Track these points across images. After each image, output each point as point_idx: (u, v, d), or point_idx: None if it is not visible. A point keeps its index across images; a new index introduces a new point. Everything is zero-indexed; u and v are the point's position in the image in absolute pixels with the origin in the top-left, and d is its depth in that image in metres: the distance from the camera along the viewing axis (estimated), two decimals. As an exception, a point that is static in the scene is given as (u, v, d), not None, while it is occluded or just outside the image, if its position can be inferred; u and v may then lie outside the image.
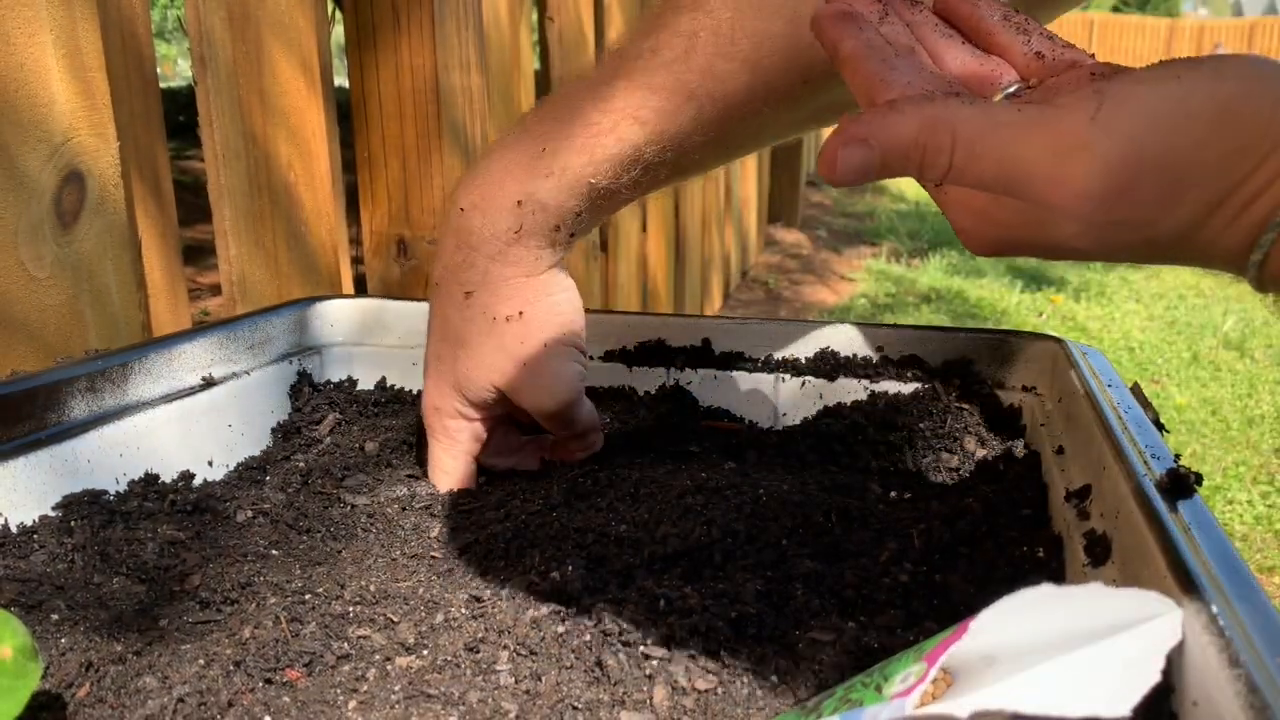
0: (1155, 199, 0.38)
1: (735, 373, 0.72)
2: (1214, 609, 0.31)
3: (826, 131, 0.45)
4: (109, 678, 0.40)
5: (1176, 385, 3.21)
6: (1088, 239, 0.41)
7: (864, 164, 0.40)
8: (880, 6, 0.47)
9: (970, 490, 0.57)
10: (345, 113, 1.21)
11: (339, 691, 0.40)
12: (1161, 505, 0.39)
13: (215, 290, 2.44)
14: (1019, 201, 0.41)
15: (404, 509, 0.58)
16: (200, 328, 0.67)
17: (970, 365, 0.68)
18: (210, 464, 0.63)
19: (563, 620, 0.45)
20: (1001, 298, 4.02)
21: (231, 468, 0.65)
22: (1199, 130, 0.37)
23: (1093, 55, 0.44)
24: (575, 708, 0.39)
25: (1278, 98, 0.37)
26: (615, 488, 0.58)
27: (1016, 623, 0.30)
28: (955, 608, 0.45)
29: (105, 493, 0.55)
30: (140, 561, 0.49)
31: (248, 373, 0.68)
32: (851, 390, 0.70)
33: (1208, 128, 0.37)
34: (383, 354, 0.77)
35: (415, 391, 0.76)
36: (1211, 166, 0.38)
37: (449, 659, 0.42)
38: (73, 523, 0.52)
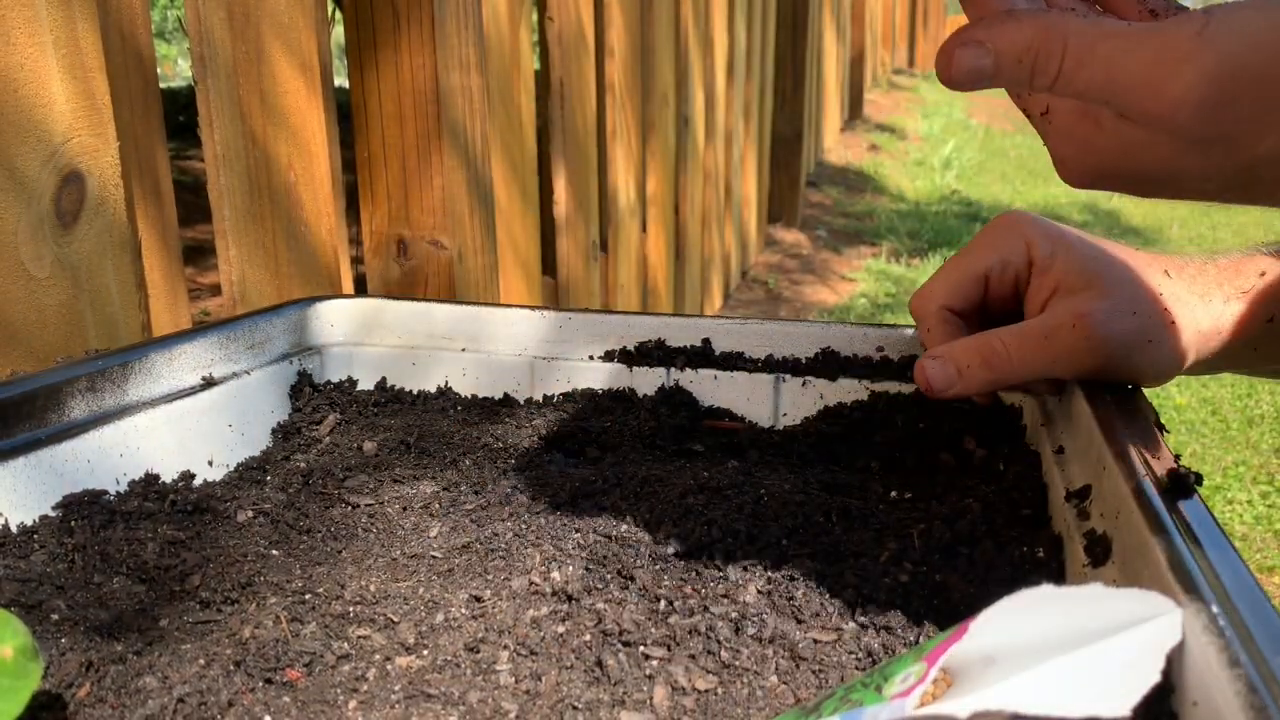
0: (1253, 116, 0.39)
1: (735, 373, 0.72)
2: (1214, 609, 0.31)
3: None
4: (109, 678, 0.40)
5: (1176, 385, 3.21)
6: (1184, 161, 0.41)
7: (979, 65, 0.42)
8: None
9: (970, 490, 0.57)
10: (345, 113, 1.21)
11: (339, 691, 0.40)
12: (1161, 505, 0.39)
13: (215, 290, 2.44)
14: (1120, 124, 0.42)
15: (404, 509, 0.58)
16: (200, 328, 0.67)
17: (970, 365, 0.68)
18: (210, 464, 0.63)
19: (563, 620, 0.45)
20: (1001, 298, 4.01)
21: (231, 468, 0.65)
22: None
23: None
24: (575, 708, 0.39)
25: None
26: (616, 487, 0.58)
27: (1016, 623, 0.30)
28: (955, 608, 0.45)
29: (105, 493, 0.55)
30: (140, 561, 0.49)
31: (248, 373, 0.68)
32: (851, 390, 0.70)
33: None
34: (383, 354, 0.77)
35: (415, 391, 0.76)
36: None
37: (449, 659, 0.42)
38: (73, 523, 0.52)
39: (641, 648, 0.42)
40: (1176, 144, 0.41)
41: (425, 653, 0.43)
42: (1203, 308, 0.58)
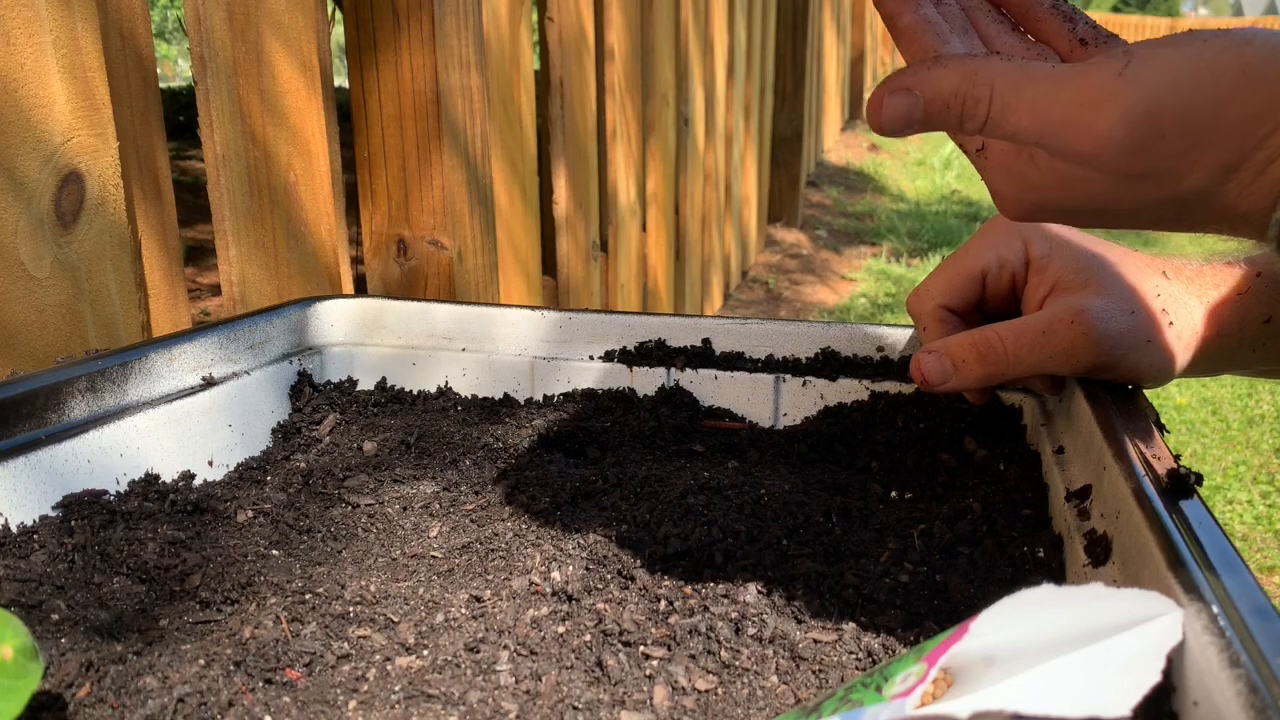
0: (1178, 152, 0.40)
1: (735, 373, 0.72)
2: (1214, 609, 0.31)
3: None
4: (109, 678, 0.40)
5: (1176, 385, 3.21)
6: (1117, 195, 0.42)
7: (908, 112, 0.43)
8: None
9: (970, 490, 0.57)
10: (345, 113, 1.21)
11: (339, 691, 0.40)
12: (1161, 505, 0.39)
13: (215, 290, 2.44)
14: (1054, 161, 0.43)
15: (404, 509, 0.58)
16: (200, 328, 0.67)
17: (970, 365, 0.68)
18: (210, 464, 0.63)
19: (563, 620, 0.45)
20: (1001, 298, 4.01)
21: (231, 468, 0.65)
22: (1221, 89, 0.39)
23: None
24: (575, 708, 0.39)
25: None
26: (616, 487, 0.58)
27: (1017, 623, 0.30)
28: (955, 608, 0.45)
29: (105, 493, 0.55)
30: (140, 561, 0.49)
31: (248, 373, 0.68)
32: (852, 390, 0.70)
33: (1230, 87, 0.39)
34: (383, 354, 0.77)
35: (415, 391, 0.76)
36: (1233, 125, 0.39)
37: (449, 659, 0.42)
38: (73, 523, 0.52)
39: (641, 648, 0.42)
40: (1107, 180, 0.41)
41: (425, 653, 0.43)
42: (1200, 309, 0.58)
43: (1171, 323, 0.57)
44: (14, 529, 0.51)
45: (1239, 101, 0.39)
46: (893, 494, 0.59)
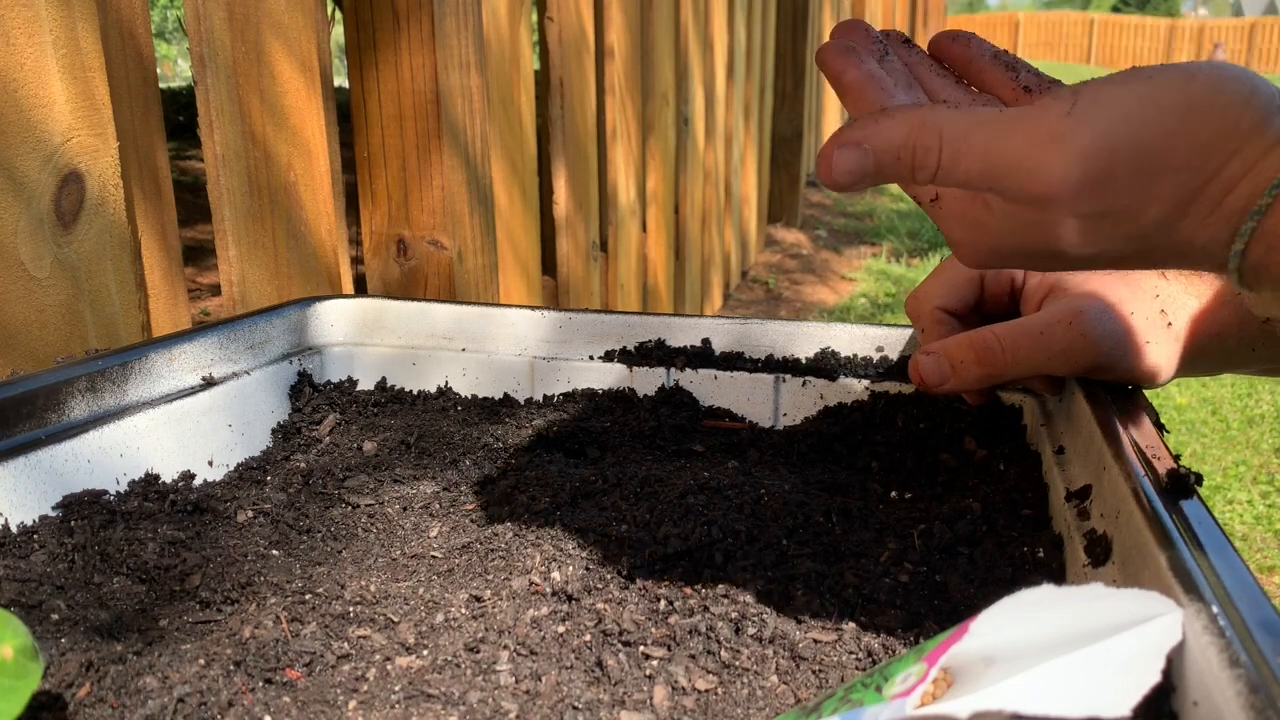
0: (1132, 188, 0.40)
1: (735, 373, 0.72)
2: (1214, 609, 0.31)
3: (831, 121, 0.47)
4: (109, 678, 0.40)
5: (1176, 385, 3.21)
6: (1075, 236, 0.42)
7: (859, 165, 0.43)
8: (881, 47, 0.49)
9: (970, 490, 0.57)
10: (345, 113, 1.21)
11: (339, 691, 0.40)
12: (1161, 505, 0.39)
13: (215, 290, 2.44)
14: (1009, 206, 0.43)
15: (404, 509, 0.58)
16: (200, 328, 0.67)
17: (970, 365, 0.68)
18: (210, 464, 0.63)
19: (563, 620, 0.45)
20: (1001, 298, 4.01)
21: (231, 468, 0.65)
22: (1169, 123, 0.39)
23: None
24: (575, 708, 0.39)
25: (1246, 96, 0.39)
26: (616, 487, 0.58)
27: (1017, 623, 0.30)
28: (955, 608, 0.45)
29: (105, 493, 0.55)
30: (140, 561, 0.49)
31: (248, 373, 0.68)
32: (852, 390, 0.70)
33: (1178, 121, 0.39)
34: (383, 354, 0.77)
35: (415, 391, 0.76)
36: (1183, 157, 0.39)
37: (449, 659, 0.42)
38: (73, 523, 0.52)
39: (641, 648, 0.42)
40: (1064, 222, 0.41)
41: (425, 653, 0.43)
42: (1199, 309, 0.58)
43: (1170, 323, 0.57)
44: (14, 529, 0.51)
45: (1188, 134, 0.39)
46: (893, 494, 0.59)
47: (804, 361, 0.72)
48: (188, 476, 0.61)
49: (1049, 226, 0.42)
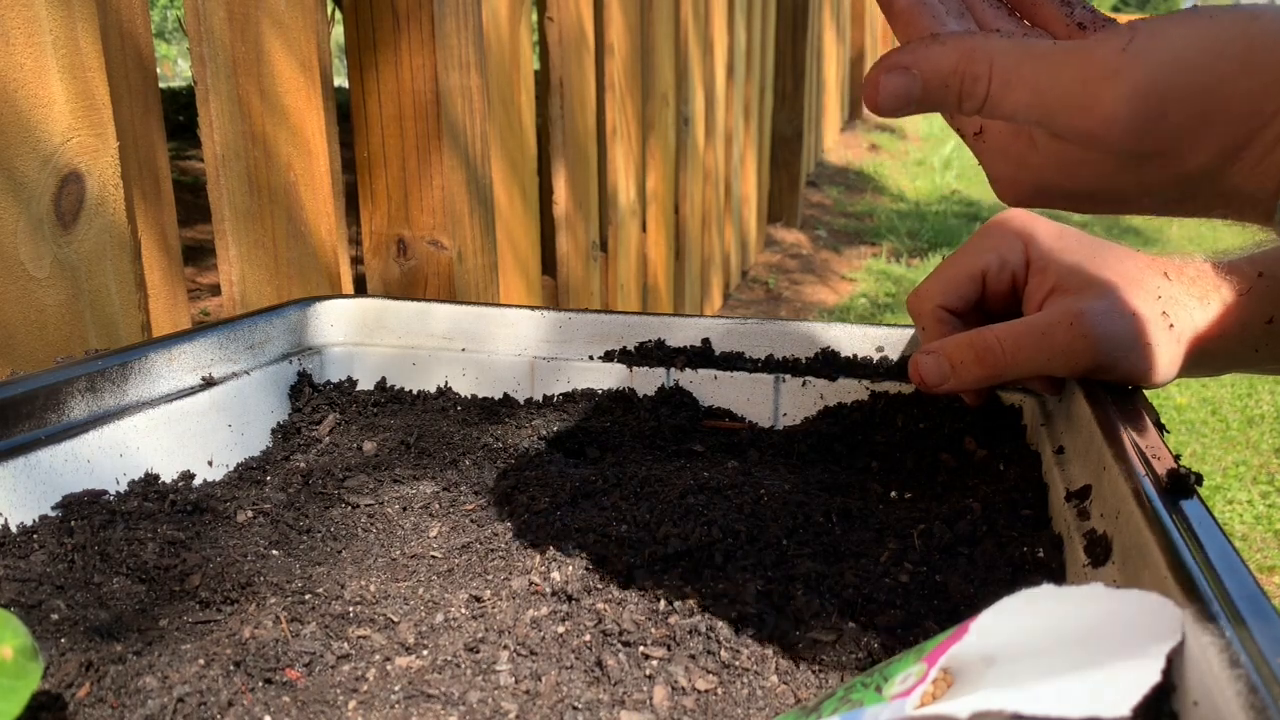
0: (1183, 130, 0.39)
1: (735, 373, 0.72)
2: (1214, 609, 0.31)
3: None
4: (109, 678, 0.40)
5: (1176, 385, 3.21)
6: (1120, 177, 0.41)
7: (906, 90, 0.42)
8: None
9: (970, 490, 0.57)
10: (345, 113, 1.21)
11: (339, 691, 0.40)
12: (1161, 505, 0.39)
13: (215, 290, 2.44)
14: (1054, 142, 0.42)
15: (404, 509, 0.58)
16: (200, 328, 0.67)
17: (970, 365, 0.68)
18: (210, 464, 0.63)
19: (563, 620, 0.45)
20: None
21: (231, 468, 0.65)
22: (1227, 66, 0.38)
23: None
24: (575, 708, 0.39)
25: None
26: (616, 487, 0.58)
27: (1017, 623, 0.30)
28: (955, 608, 0.45)
29: (105, 493, 0.55)
30: (140, 561, 0.49)
31: (248, 373, 0.68)
32: (852, 390, 0.70)
33: (1236, 64, 0.38)
34: (383, 354, 0.77)
35: (415, 392, 0.76)
36: (1239, 102, 0.38)
37: (449, 659, 0.42)
38: (73, 523, 0.52)
39: (641, 648, 0.42)
40: (1110, 160, 0.40)
41: (425, 653, 0.43)
42: (1201, 310, 0.58)
43: (1172, 324, 0.56)
44: (14, 529, 0.51)
45: (1244, 78, 0.38)
46: (893, 494, 0.59)
47: (804, 361, 0.72)
48: (187, 476, 0.61)
49: (1093, 165, 0.41)
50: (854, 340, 0.72)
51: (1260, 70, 0.38)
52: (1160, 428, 0.51)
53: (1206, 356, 0.58)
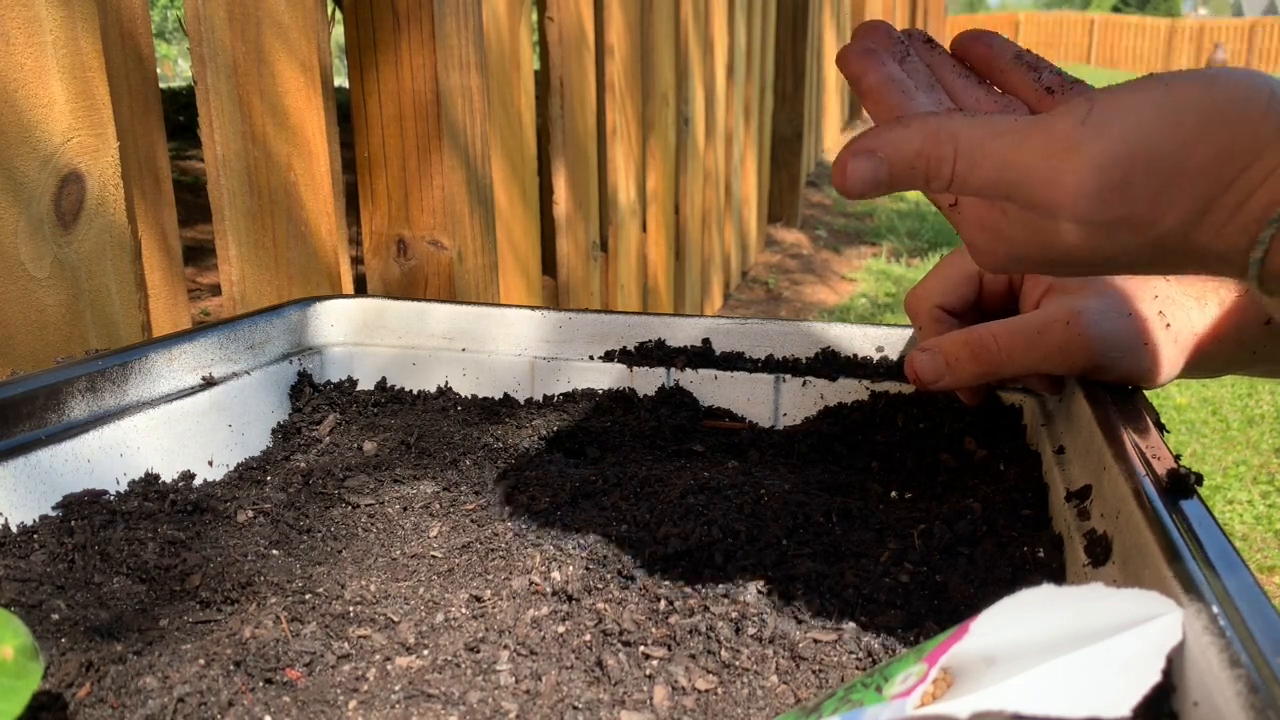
0: (1149, 196, 0.39)
1: (735, 373, 0.72)
2: (1214, 609, 0.31)
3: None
4: (109, 678, 0.40)
5: (1176, 385, 3.21)
6: (1092, 244, 0.41)
7: (873, 175, 0.43)
8: (902, 48, 0.49)
9: (970, 490, 0.57)
10: (345, 113, 1.21)
11: (339, 691, 0.40)
12: (1162, 505, 0.39)
13: (215, 290, 2.44)
14: (1025, 214, 0.43)
15: (404, 509, 0.58)
16: (200, 328, 0.67)
17: (970, 365, 0.68)
18: (210, 464, 0.63)
19: (563, 620, 0.45)
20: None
21: (231, 468, 0.65)
22: (1187, 130, 0.39)
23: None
24: (575, 708, 0.39)
25: (1266, 102, 0.39)
26: (616, 487, 0.58)
27: (1017, 623, 0.30)
28: (955, 608, 0.45)
29: (105, 493, 0.55)
30: (140, 561, 0.49)
31: (248, 373, 0.68)
32: (852, 390, 0.70)
33: (1196, 128, 0.39)
34: (383, 354, 0.77)
35: (415, 392, 0.76)
36: (1202, 165, 0.39)
37: (449, 659, 0.42)
38: (73, 523, 0.52)
39: (641, 648, 0.42)
40: (1080, 229, 0.41)
41: (425, 653, 0.43)
42: (1199, 311, 0.58)
43: (1169, 325, 0.57)
44: (14, 529, 0.51)
45: (1206, 141, 0.38)
46: (893, 494, 0.59)
47: (804, 361, 0.72)
48: (188, 476, 0.61)
49: (1065, 235, 0.42)
50: (854, 340, 0.72)
51: (1219, 133, 0.38)
52: (1160, 428, 0.51)
53: (1204, 358, 0.58)
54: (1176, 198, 0.39)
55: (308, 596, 0.48)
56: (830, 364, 0.71)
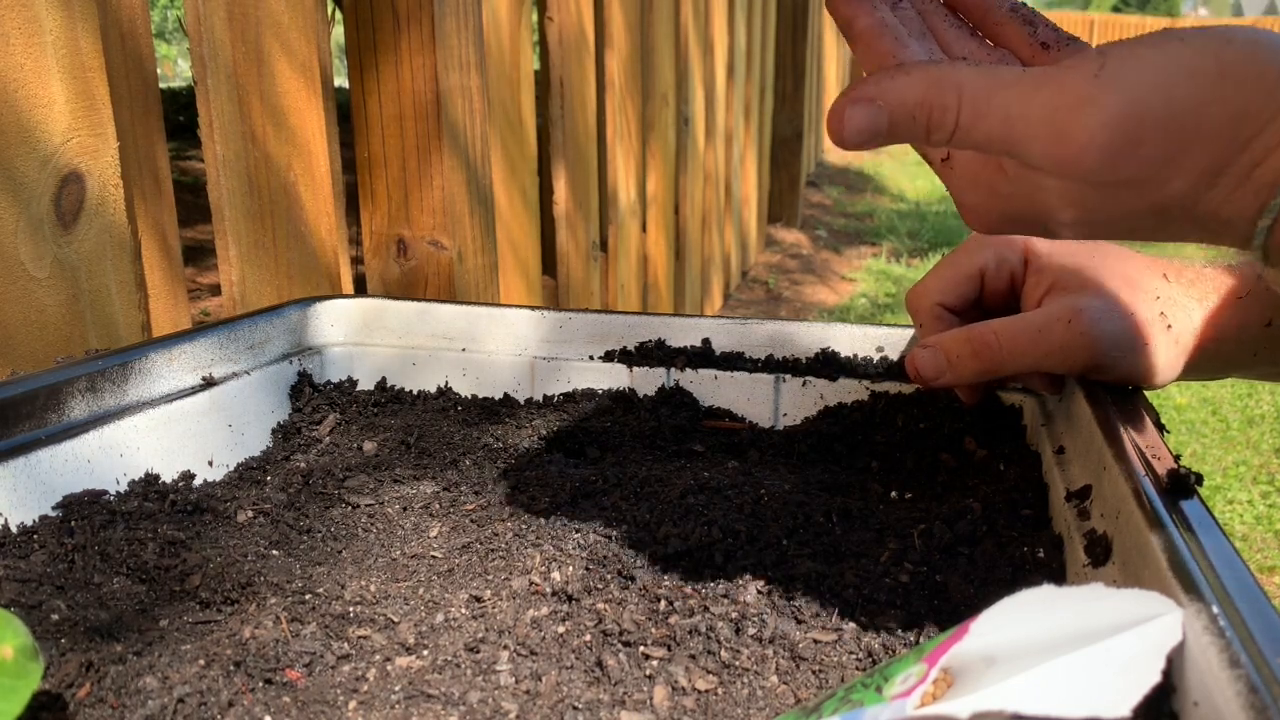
0: (1160, 156, 0.38)
1: (735, 373, 0.72)
2: (1214, 609, 0.31)
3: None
4: (109, 678, 0.40)
5: (1176, 385, 3.21)
6: (1092, 204, 0.40)
7: (872, 124, 0.40)
8: None
9: (970, 490, 0.57)
10: (345, 113, 1.21)
11: (339, 691, 0.40)
12: (1162, 505, 0.39)
13: (215, 290, 2.44)
14: (1024, 171, 0.41)
15: (404, 509, 0.58)
16: (200, 328, 0.67)
17: (970, 365, 0.68)
18: (210, 464, 0.63)
19: (563, 620, 0.45)
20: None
21: (231, 468, 0.65)
22: (1203, 89, 0.37)
23: None
24: (575, 708, 0.39)
25: None
26: (616, 487, 0.58)
27: (1017, 623, 0.30)
28: (955, 608, 0.45)
29: (105, 493, 0.55)
30: (140, 561, 0.49)
31: (248, 373, 0.68)
32: (852, 390, 0.70)
33: (1211, 87, 0.37)
34: (383, 354, 0.77)
35: (415, 392, 0.76)
36: (1216, 126, 0.37)
37: (449, 659, 0.42)
38: (73, 523, 0.52)
39: (641, 648, 0.42)
40: (1084, 189, 0.39)
41: (425, 653, 0.43)
42: (1200, 312, 0.57)
43: (1170, 325, 0.56)
44: (14, 529, 0.51)
45: (1220, 102, 0.37)
46: (893, 494, 0.59)
47: (804, 361, 0.72)
48: (188, 476, 0.61)
49: (1067, 193, 0.40)
50: (854, 340, 0.72)
51: (1235, 94, 0.37)
52: (1160, 428, 0.51)
53: (1204, 358, 0.58)
54: (1187, 159, 0.38)
55: (308, 597, 0.48)
56: (830, 364, 0.71)
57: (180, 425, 0.62)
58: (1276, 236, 0.38)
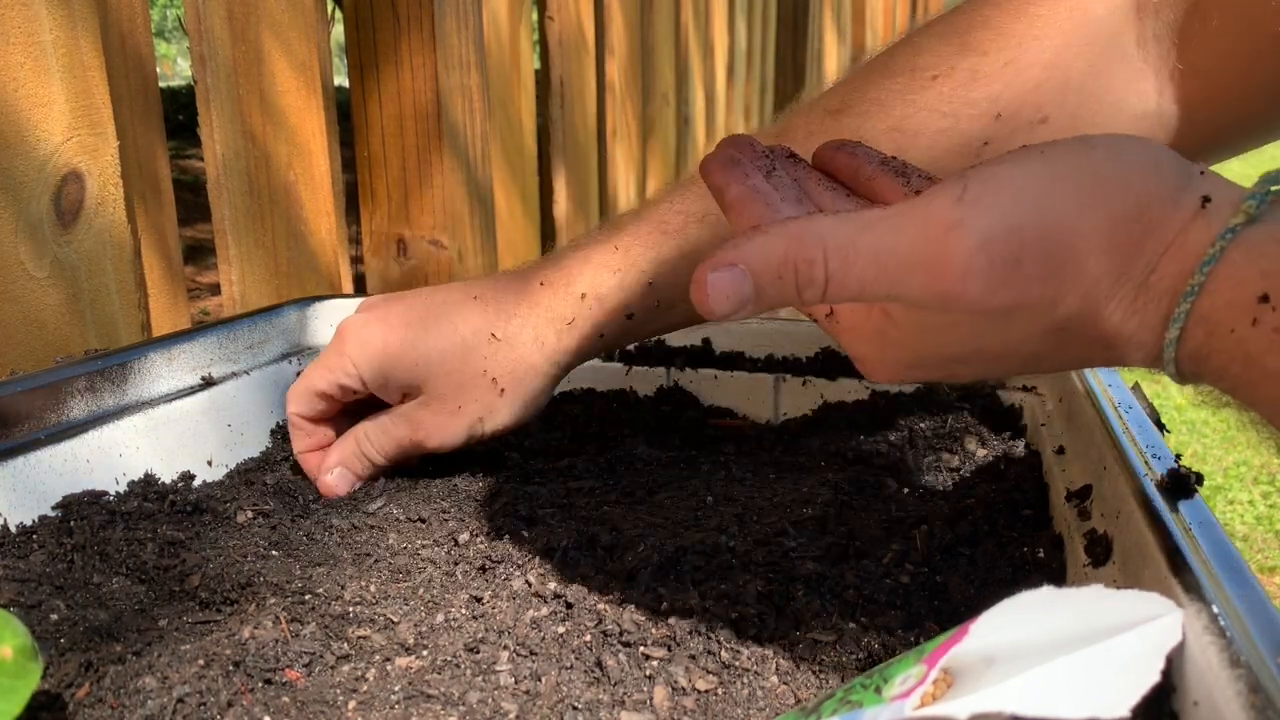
0: (1044, 274, 0.35)
1: (735, 372, 0.72)
2: (1215, 609, 0.31)
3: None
4: (109, 678, 0.40)
5: (1176, 385, 3.21)
6: (988, 337, 0.38)
7: (737, 289, 0.37)
8: (768, 162, 0.45)
9: (971, 490, 0.57)
10: (345, 112, 1.21)
11: (339, 691, 0.40)
12: (1162, 505, 0.39)
13: (215, 290, 2.44)
14: (910, 313, 0.39)
15: (404, 509, 0.58)
16: (200, 328, 0.67)
17: (970, 365, 0.68)
18: (210, 464, 0.63)
19: (563, 620, 0.45)
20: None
21: (231, 468, 0.65)
22: (1070, 198, 0.35)
23: None
24: (575, 708, 0.39)
25: (1153, 163, 0.36)
26: (616, 487, 0.58)
27: (1017, 624, 0.30)
28: (956, 608, 0.45)
29: (105, 493, 0.55)
30: (140, 561, 0.49)
31: (247, 373, 0.68)
32: (852, 390, 0.70)
33: (1079, 195, 0.35)
34: (382, 354, 0.77)
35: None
36: (1094, 235, 0.35)
37: (449, 659, 0.42)
38: (73, 523, 0.52)
39: (641, 648, 0.42)
40: (975, 321, 0.37)
41: (425, 653, 0.43)
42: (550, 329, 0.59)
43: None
44: (14, 529, 0.51)
45: (1095, 209, 0.35)
46: (893, 494, 0.58)
47: (804, 361, 0.72)
48: (187, 477, 0.61)
49: (958, 328, 0.38)
50: (854, 340, 0.72)
51: (1108, 199, 0.35)
52: (1160, 428, 0.51)
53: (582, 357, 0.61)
54: (1074, 274, 0.35)
55: (307, 597, 0.48)
56: (830, 363, 0.71)
57: (179, 425, 0.62)
58: (1186, 350, 0.36)
